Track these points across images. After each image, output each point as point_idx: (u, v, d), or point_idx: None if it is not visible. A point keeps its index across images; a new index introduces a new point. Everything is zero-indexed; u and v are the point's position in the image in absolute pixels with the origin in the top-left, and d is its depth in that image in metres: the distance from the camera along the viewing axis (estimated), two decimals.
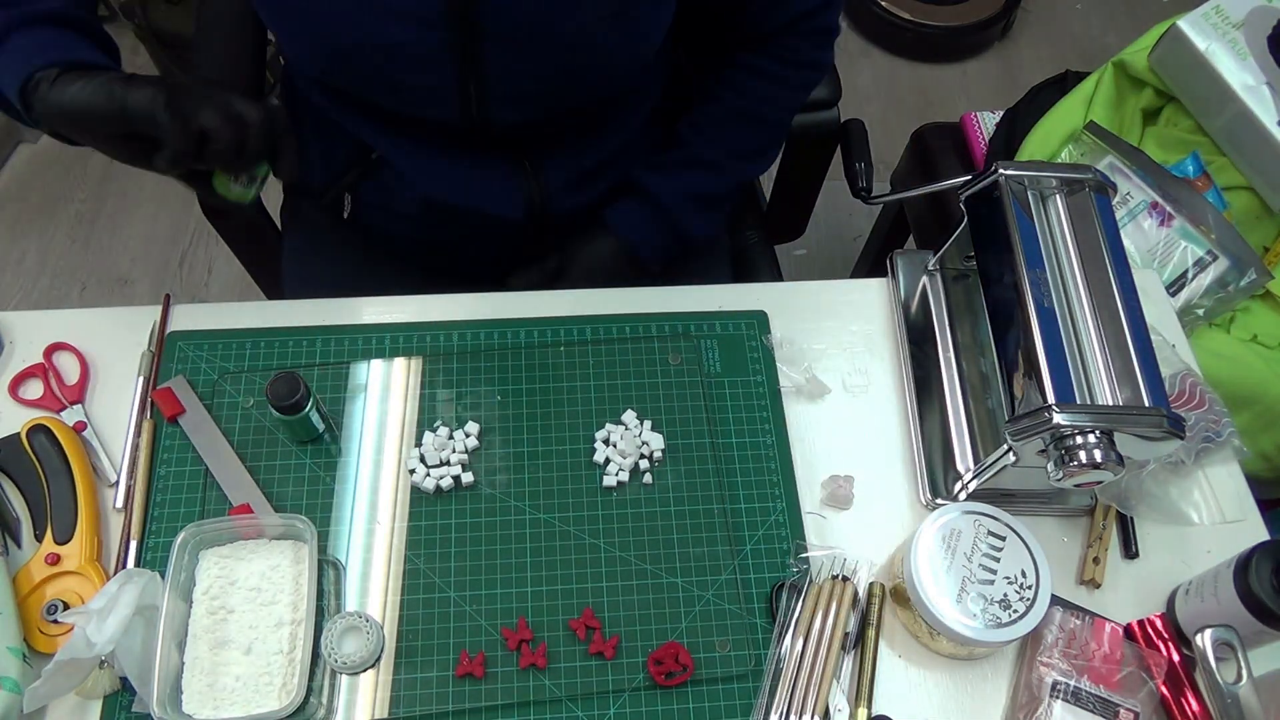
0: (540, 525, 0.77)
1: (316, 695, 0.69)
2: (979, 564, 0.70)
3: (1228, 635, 0.67)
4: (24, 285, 1.82)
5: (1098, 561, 0.78)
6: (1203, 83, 1.16)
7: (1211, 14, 1.17)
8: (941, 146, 1.42)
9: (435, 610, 0.73)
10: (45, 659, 0.66)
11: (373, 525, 0.77)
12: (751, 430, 0.83)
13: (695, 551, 0.77)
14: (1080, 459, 0.66)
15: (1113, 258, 0.76)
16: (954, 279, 0.91)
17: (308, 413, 0.76)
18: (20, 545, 0.74)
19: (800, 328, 0.89)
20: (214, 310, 0.86)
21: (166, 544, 0.72)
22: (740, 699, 0.71)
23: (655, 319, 0.88)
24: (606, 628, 0.73)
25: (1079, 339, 0.73)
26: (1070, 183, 0.80)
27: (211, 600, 0.71)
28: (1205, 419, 0.83)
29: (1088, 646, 0.72)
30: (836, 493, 0.80)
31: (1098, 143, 1.22)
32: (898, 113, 2.15)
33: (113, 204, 1.92)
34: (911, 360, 0.87)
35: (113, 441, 0.79)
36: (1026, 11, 2.33)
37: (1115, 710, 0.69)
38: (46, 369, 0.81)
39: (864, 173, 1.01)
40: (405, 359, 0.84)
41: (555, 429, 0.82)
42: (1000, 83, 2.24)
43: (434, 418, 0.81)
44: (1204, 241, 1.14)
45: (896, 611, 0.75)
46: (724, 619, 0.74)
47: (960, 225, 0.84)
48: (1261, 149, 1.13)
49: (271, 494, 0.77)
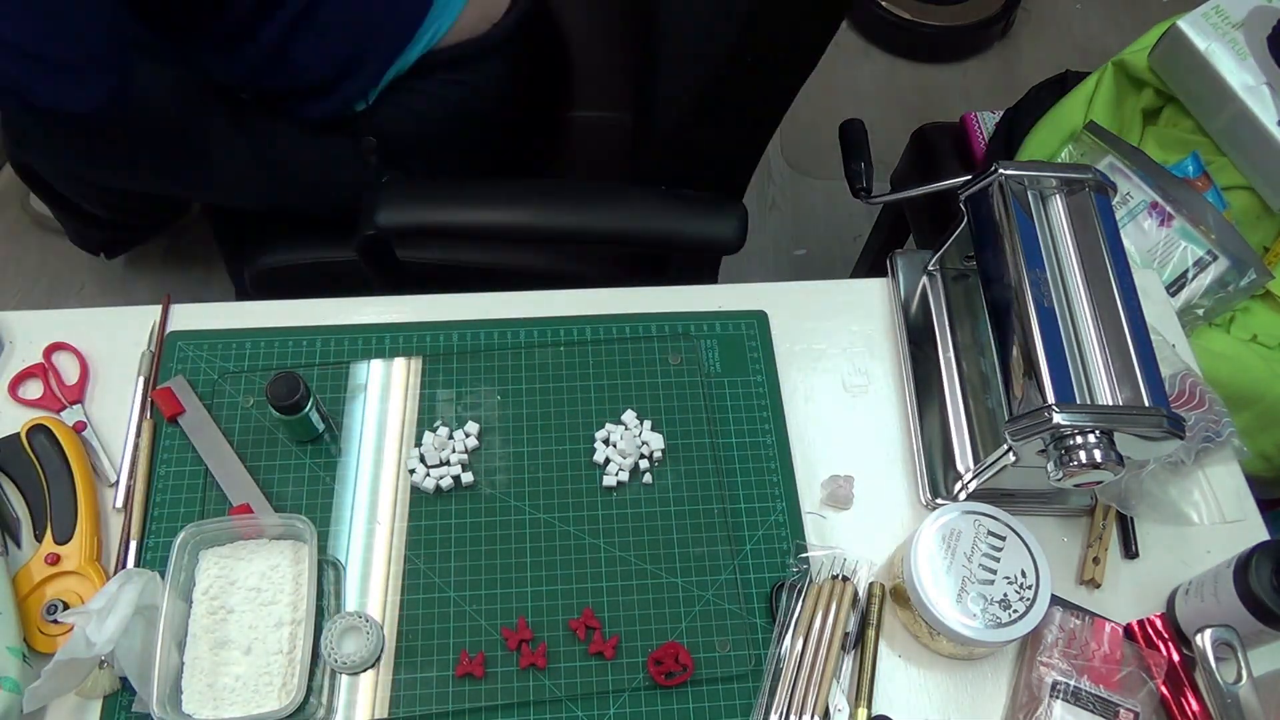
0: (540, 525, 0.77)
1: (316, 695, 0.69)
2: (979, 564, 0.70)
3: (1228, 635, 0.67)
4: (24, 285, 1.82)
5: (1098, 561, 0.78)
6: (1203, 83, 1.16)
7: (1211, 14, 1.17)
8: (941, 146, 1.42)
9: (435, 610, 0.73)
10: (45, 659, 0.66)
11: (373, 525, 0.77)
12: (751, 430, 0.83)
13: (695, 551, 0.77)
14: (1080, 459, 0.66)
15: (1113, 258, 0.76)
16: (954, 279, 0.91)
17: (308, 413, 0.76)
18: (20, 545, 0.74)
19: (800, 328, 0.89)
20: (214, 310, 0.86)
21: (166, 544, 0.72)
22: (740, 699, 0.71)
23: (655, 319, 0.88)
24: (606, 628, 0.73)
25: (1079, 339, 0.73)
26: (1070, 183, 0.80)
27: (211, 600, 0.71)
28: (1205, 419, 0.83)
29: (1088, 646, 0.72)
30: (836, 493, 0.80)
31: (1098, 143, 1.22)
32: (898, 113, 2.15)
33: None
34: (911, 360, 0.87)
35: (113, 441, 0.79)
36: (1026, 11, 2.33)
37: (1115, 710, 0.69)
38: (46, 369, 0.81)
39: (864, 173, 1.01)
40: (405, 359, 0.84)
41: (555, 429, 0.82)
42: (1000, 83, 2.24)
43: (434, 418, 0.81)
44: (1204, 241, 1.13)
45: (896, 611, 0.75)
46: (724, 619, 0.74)
47: (960, 225, 0.84)
48: (1261, 149, 1.13)
49: (271, 494, 0.77)
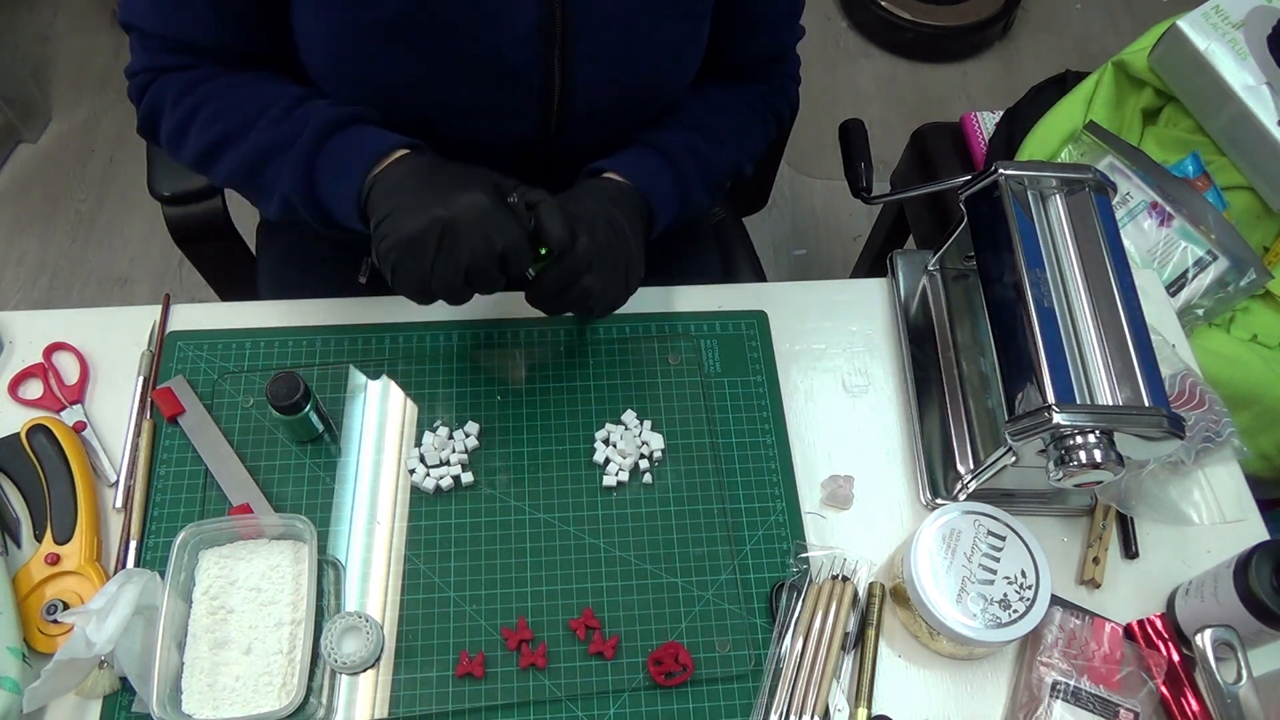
0: (540, 525, 0.77)
1: (316, 695, 0.69)
2: (979, 564, 0.70)
3: (1228, 635, 0.67)
4: (24, 285, 1.82)
5: (1098, 561, 0.78)
6: (1203, 83, 1.16)
7: (1211, 14, 1.17)
8: (941, 146, 1.42)
9: (435, 610, 0.73)
10: (45, 659, 0.66)
11: (373, 525, 0.77)
12: (751, 430, 0.83)
13: (695, 551, 0.77)
14: (1080, 459, 0.66)
15: (1113, 258, 0.76)
16: (954, 279, 0.91)
17: (307, 413, 0.76)
18: (20, 545, 0.74)
19: (800, 328, 0.89)
20: (214, 310, 0.86)
21: (166, 544, 0.72)
22: (740, 699, 0.71)
23: (655, 319, 0.88)
24: (606, 628, 0.73)
25: (1079, 339, 0.73)
26: (1070, 183, 0.80)
27: (211, 600, 0.71)
28: (1205, 419, 0.83)
29: (1088, 646, 0.72)
30: (836, 493, 0.80)
31: (1097, 143, 1.22)
32: (898, 113, 2.15)
33: (113, 204, 1.92)
34: (911, 360, 0.87)
35: (112, 441, 0.79)
36: (1026, 11, 2.33)
37: (1115, 710, 0.69)
38: (46, 369, 0.81)
39: (864, 173, 1.01)
40: (404, 363, 0.84)
41: (555, 429, 0.82)
42: (1000, 83, 2.24)
43: (434, 418, 0.81)
44: (1204, 241, 1.14)
45: (896, 611, 0.75)
46: (724, 619, 0.74)
47: (960, 225, 0.84)
48: (1261, 149, 1.13)
49: (271, 494, 0.77)
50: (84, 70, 2.09)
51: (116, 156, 1.98)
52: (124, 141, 1.99)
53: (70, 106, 2.03)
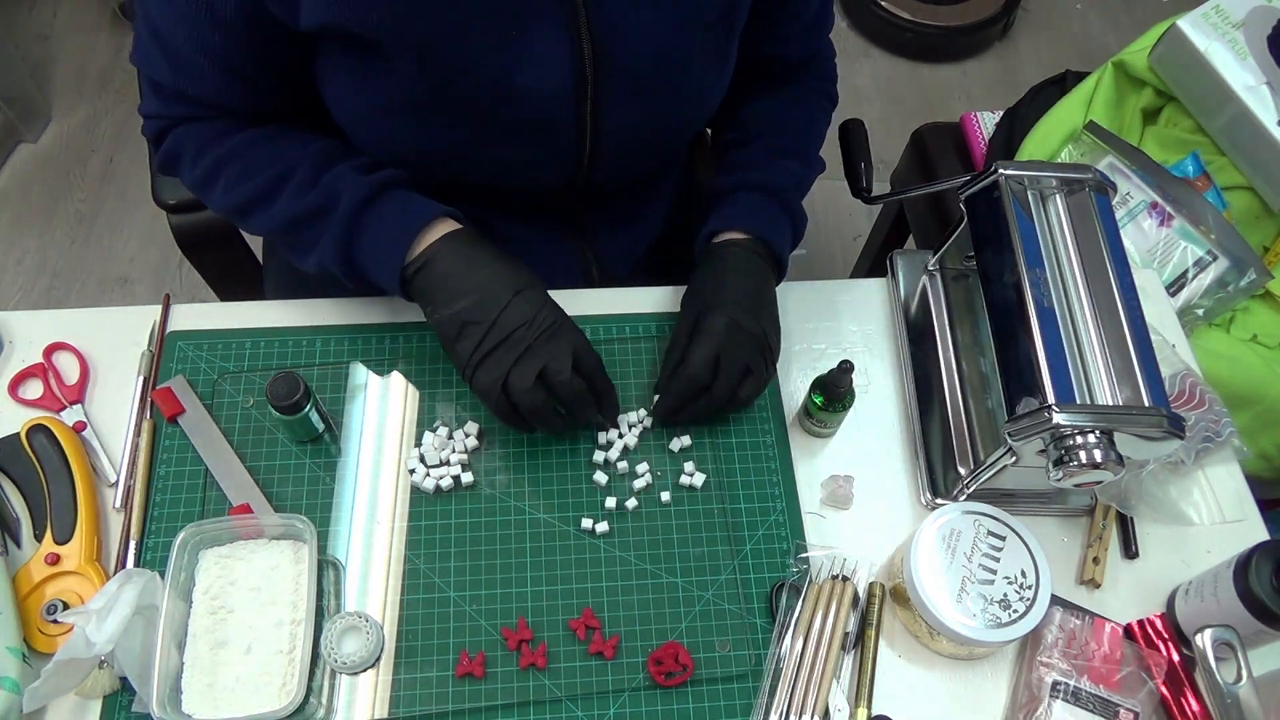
0: (540, 525, 0.77)
1: (316, 695, 0.69)
2: (979, 564, 0.70)
3: (1228, 635, 0.67)
4: (24, 285, 1.82)
5: (1098, 561, 0.78)
6: (1203, 83, 1.16)
7: (1211, 14, 1.17)
8: (941, 146, 1.42)
9: (435, 610, 0.73)
10: (45, 659, 0.66)
11: (372, 525, 0.77)
12: (751, 430, 0.83)
13: (695, 551, 0.77)
14: (1080, 459, 0.66)
15: (1113, 258, 0.76)
16: (954, 279, 0.91)
17: (307, 412, 0.76)
18: (20, 545, 0.74)
19: (800, 327, 0.89)
20: (214, 310, 0.86)
21: (166, 544, 0.72)
22: (740, 699, 0.71)
23: (655, 319, 0.88)
24: (606, 628, 0.73)
25: (1079, 339, 0.73)
26: (1070, 183, 0.80)
27: (211, 600, 0.71)
28: (1205, 419, 0.83)
29: (1088, 646, 0.72)
30: (836, 493, 0.80)
31: (1097, 143, 1.22)
32: (898, 113, 2.15)
33: (113, 204, 1.92)
34: (911, 360, 0.87)
35: (112, 441, 0.79)
36: (1026, 11, 2.33)
37: (1115, 710, 0.69)
38: (46, 369, 0.81)
39: (864, 173, 1.00)
40: (404, 363, 0.84)
41: None
42: (1000, 83, 2.24)
43: (434, 418, 0.81)
44: (1204, 241, 1.14)
45: (896, 611, 0.75)
46: (724, 619, 0.74)
47: (960, 225, 0.84)
48: (1261, 149, 1.13)
49: (271, 494, 0.77)
50: (84, 70, 2.09)
51: (116, 156, 1.98)
52: (124, 141, 1.99)
53: (70, 106, 2.03)
